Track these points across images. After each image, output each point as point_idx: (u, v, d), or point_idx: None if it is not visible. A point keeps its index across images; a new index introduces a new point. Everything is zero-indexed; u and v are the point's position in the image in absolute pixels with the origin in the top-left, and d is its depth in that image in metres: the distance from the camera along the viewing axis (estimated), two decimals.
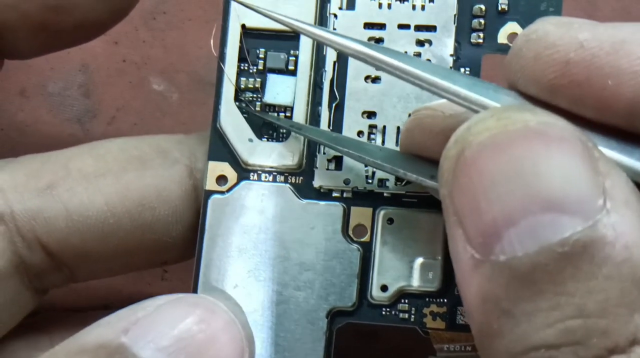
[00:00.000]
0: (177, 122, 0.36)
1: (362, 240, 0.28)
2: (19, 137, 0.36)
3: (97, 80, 0.36)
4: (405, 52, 0.28)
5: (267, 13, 0.26)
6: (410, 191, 0.28)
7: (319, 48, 0.29)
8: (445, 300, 0.28)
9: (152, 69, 0.36)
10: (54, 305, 0.34)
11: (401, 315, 0.28)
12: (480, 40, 0.28)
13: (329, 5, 0.29)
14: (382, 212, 0.28)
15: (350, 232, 0.28)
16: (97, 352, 0.24)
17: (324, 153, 0.29)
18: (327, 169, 0.29)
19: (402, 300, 0.28)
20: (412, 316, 0.28)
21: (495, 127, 0.20)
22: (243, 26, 0.29)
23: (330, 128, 0.29)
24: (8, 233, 0.29)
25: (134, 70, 0.36)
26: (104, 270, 0.31)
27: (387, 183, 0.28)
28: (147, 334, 0.25)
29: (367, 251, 0.28)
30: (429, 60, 0.28)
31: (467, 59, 0.29)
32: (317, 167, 0.29)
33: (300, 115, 0.29)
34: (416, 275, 0.28)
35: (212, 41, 0.29)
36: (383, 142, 0.28)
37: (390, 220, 0.28)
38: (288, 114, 0.29)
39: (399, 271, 0.28)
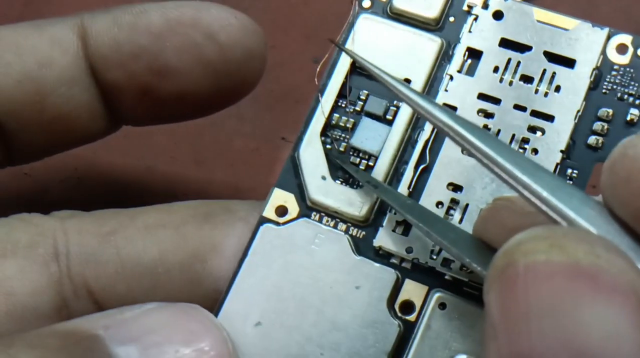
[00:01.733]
0: None
1: (407, 317, 0.25)
2: None
3: None
4: (513, 135, 0.26)
5: (369, 66, 0.24)
6: (473, 281, 0.25)
7: None
8: None
9: None
10: None
11: None
12: (599, 145, 0.26)
13: (448, 65, 0.27)
14: (436, 294, 0.25)
15: (397, 305, 0.26)
16: (66, 338, 0.23)
17: (395, 213, 0.26)
18: (393, 231, 0.26)
19: None
20: None
21: (545, 252, 0.18)
22: (353, 63, 0.28)
23: (410, 190, 0.26)
24: (58, 274, 0.28)
25: None
26: None
27: (452, 265, 0.25)
28: (125, 334, 0.23)
29: (407, 331, 0.25)
30: (536, 150, 0.26)
31: (578, 161, 0.26)
32: (382, 226, 0.26)
33: (383, 168, 0.27)
34: None
35: (317, 69, 0.28)
36: (461, 220, 0.26)
37: (442, 305, 0.25)
38: (371, 163, 0.27)
39: None
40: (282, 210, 0.27)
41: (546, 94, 0.26)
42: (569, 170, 0.26)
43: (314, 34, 0.34)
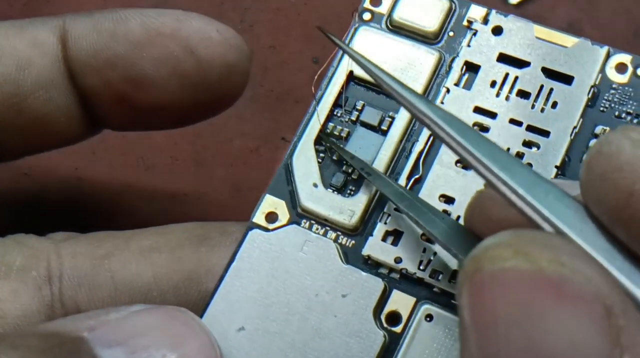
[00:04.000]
0: None
1: (393, 329, 0.25)
2: None
3: None
4: (508, 149, 0.26)
5: (362, 61, 0.23)
6: None
7: None
8: None
9: None
10: None
11: None
12: None
13: (445, 79, 0.27)
14: (424, 306, 0.25)
15: (383, 316, 0.25)
16: (49, 339, 0.22)
17: (386, 223, 0.26)
18: (383, 241, 0.26)
19: None
20: None
21: (509, 259, 0.18)
22: (350, 73, 0.27)
23: None
24: (50, 297, 0.27)
25: None
26: None
27: (440, 277, 0.25)
28: (111, 337, 0.22)
29: (392, 342, 0.25)
30: (530, 164, 0.25)
31: (572, 178, 0.25)
32: (372, 235, 0.26)
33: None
34: None
35: (315, 77, 0.28)
36: None
37: (429, 317, 0.25)
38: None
39: None
40: (272, 217, 0.27)
41: (542, 110, 0.26)
42: None
43: (314, 34, 0.34)
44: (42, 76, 0.29)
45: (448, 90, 0.27)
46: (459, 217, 0.25)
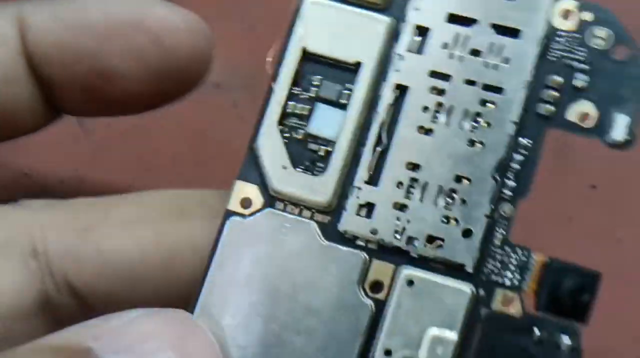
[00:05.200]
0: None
1: (377, 296, 0.26)
2: None
3: None
4: (467, 111, 0.26)
5: None
6: (440, 257, 0.26)
7: (376, 87, 0.27)
8: None
9: None
10: None
11: None
12: (548, 114, 0.26)
13: (397, 45, 0.27)
14: (403, 272, 0.26)
15: (366, 286, 0.26)
16: (59, 353, 0.23)
17: (358, 197, 0.27)
18: (357, 214, 0.27)
19: None
20: None
21: None
22: (304, 49, 0.28)
23: (371, 173, 0.27)
24: (39, 271, 0.28)
25: None
26: None
27: (416, 243, 0.26)
28: (117, 344, 0.23)
29: (379, 309, 0.26)
30: (488, 123, 0.26)
31: (531, 130, 0.26)
32: (346, 210, 0.27)
33: (341, 152, 0.27)
34: (424, 347, 0.25)
35: (268, 58, 0.28)
36: (422, 198, 0.26)
37: (410, 282, 0.26)
38: (330, 149, 0.27)
39: (408, 338, 0.26)
40: (246, 202, 0.27)
41: (496, 67, 0.27)
42: (524, 140, 0.26)
43: None
44: (2, 71, 0.28)
45: (401, 57, 0.27)
46: (424, 189, 0.26)
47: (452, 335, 0.25)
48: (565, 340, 0.25)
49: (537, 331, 0.25)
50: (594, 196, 0.37)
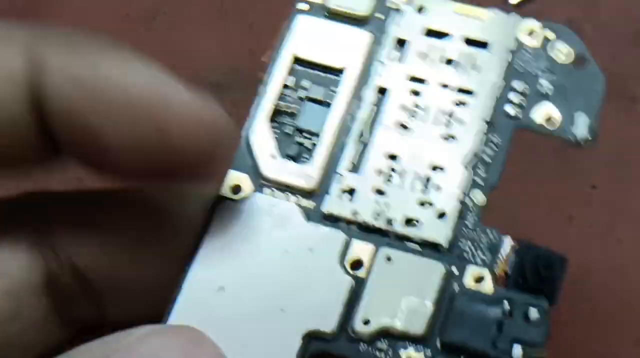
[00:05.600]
0: None
1: (358, 274, 0.28)
2: None
3: None
4: (441, 109, 0.29)
5: None
6: (416, 236, 0.28)
7: (359, 88, 0.30)
8: (424, 348, 0.27)
9: None
10: None
11: (377, 353, 0.27)
12: (514, 113, 0.29)
13: (380, 54, 0.30)
14: (382, 250, 0.28)
15: (347, 263, 0.28)
16: None
17: (341, 182, 0.29)
18: (339, 198, 0.29)
19: (382, 339, 0.27)
20: (388, 357, 0.27)
21: None
22: (295, 57, 0.31)
23: (354, 163, 0.29)
24: (43, 254, 0.29)
25: None
26: (137, 307, 0.30)
27: (395, 224, 0.28)
28: None
29: (359, 286, 0.28)
30: (461, 121, 0.29)
31: (500, 129, 0.29)
32: (328, 193, 0.29)
33: (326, 144, 0.29)
34: (402, 316, 0.27)
35: (263, 59, 0.30)
36: (400, 185, 0.29)
37: (388, 259, 0.28)
38: (315, 142, 0.30)
39: (385, 309, 0.27)
40: (237, 189, 0.29)
41: (468, 74, 0.30)
42: (494, 138, 0.29)
43: None
44: (10, 114, 0.26)
45: (382, 64, 0.30)
46: (402, 176, 0.29)
47: (427, 306, 0.27)
48: (534, 313, 0.27)
49: (506, 304, 0.27)
50: (594, 196, 0.38)
